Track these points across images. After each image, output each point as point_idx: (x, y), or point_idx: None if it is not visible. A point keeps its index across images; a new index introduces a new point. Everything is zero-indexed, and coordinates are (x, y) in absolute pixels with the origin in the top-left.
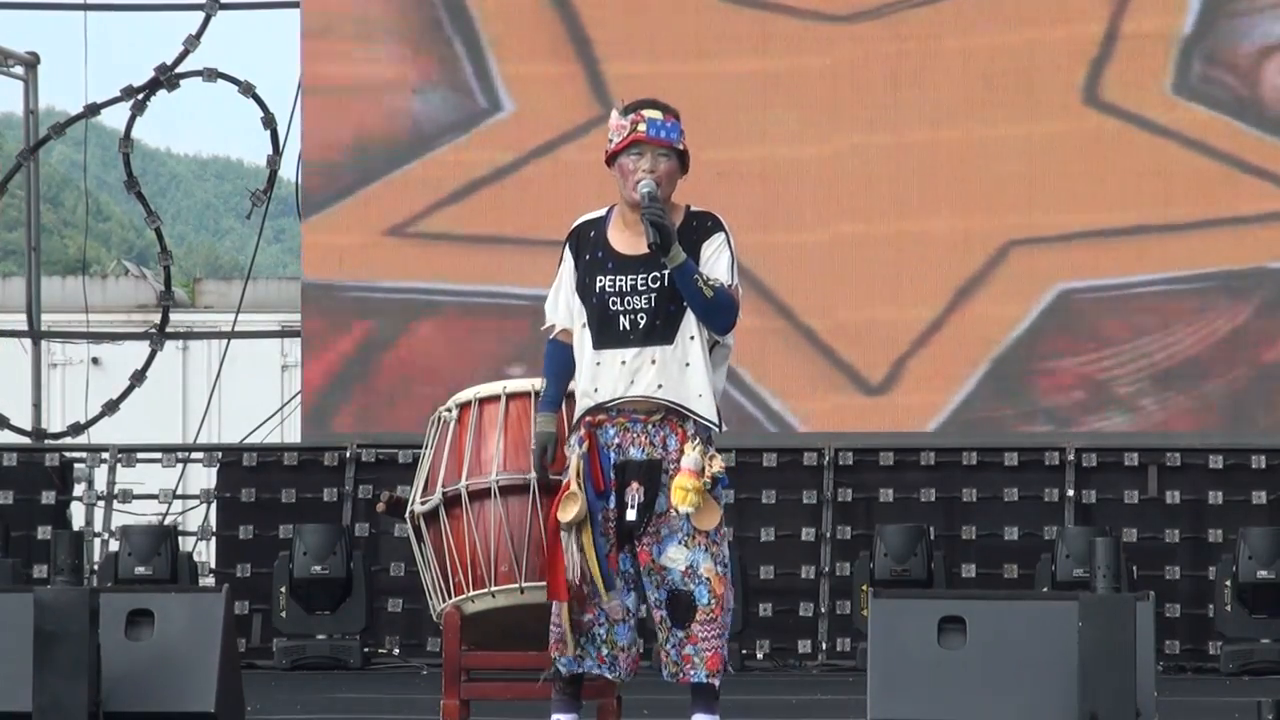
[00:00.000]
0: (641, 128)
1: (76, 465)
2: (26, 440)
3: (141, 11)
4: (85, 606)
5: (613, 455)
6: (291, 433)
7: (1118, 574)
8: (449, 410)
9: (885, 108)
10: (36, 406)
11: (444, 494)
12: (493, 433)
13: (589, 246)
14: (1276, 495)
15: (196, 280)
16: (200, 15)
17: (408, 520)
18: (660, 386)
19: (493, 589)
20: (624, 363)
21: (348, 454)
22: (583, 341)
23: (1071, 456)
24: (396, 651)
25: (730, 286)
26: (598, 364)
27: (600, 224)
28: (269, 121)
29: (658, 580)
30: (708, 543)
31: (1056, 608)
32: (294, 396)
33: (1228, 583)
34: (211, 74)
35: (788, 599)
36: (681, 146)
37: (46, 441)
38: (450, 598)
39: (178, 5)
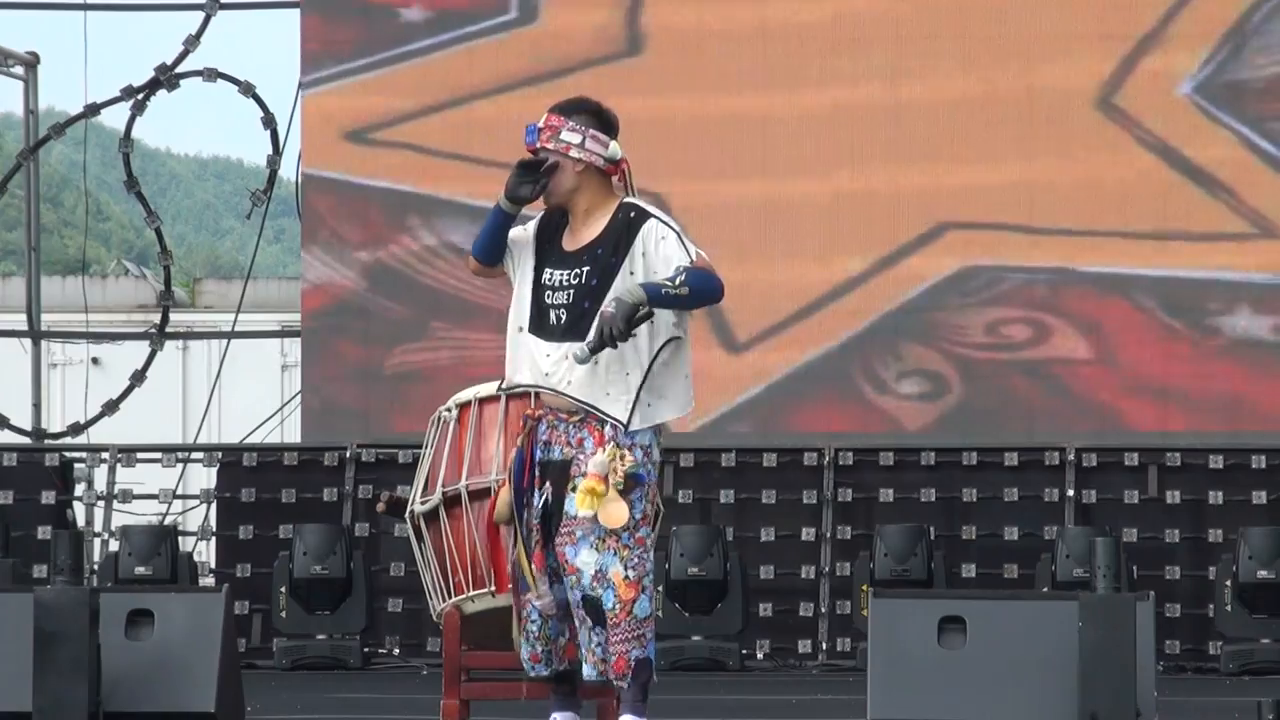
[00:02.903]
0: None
1: (76, 465)
2: (26, 440)
3: (141, 11)
4: (85, 606)
5: (538, 453)
6: (291, 433)
7: (1118, 574)
8: (449, 410)
9: None
10: (36, 406)
11: (444, 494)
12: (493, 432)
13: (550, 238)
14: (1276, 495)
15: (196, 280)
16: (200, 15)
17: (408, 520)
18: (569, 384)
19: (493, 589)
20: (548, 355)
21: (348, 454)
22: (519, 315)
23: (1071, 456)
24: (396, 651)
25: (694, 262)
26: (527, 346)
27: (566, 219)
28: (269, 121)
29: (573, 581)
30: (618, 546)
31: (1056, 608)
32: (294, 396)
33: (1228, 583)
34: (211, 74)
35: (788, 599)
36: (543, 145)
37: (46, 441)
38: (450, 597)
39: (178, 5)
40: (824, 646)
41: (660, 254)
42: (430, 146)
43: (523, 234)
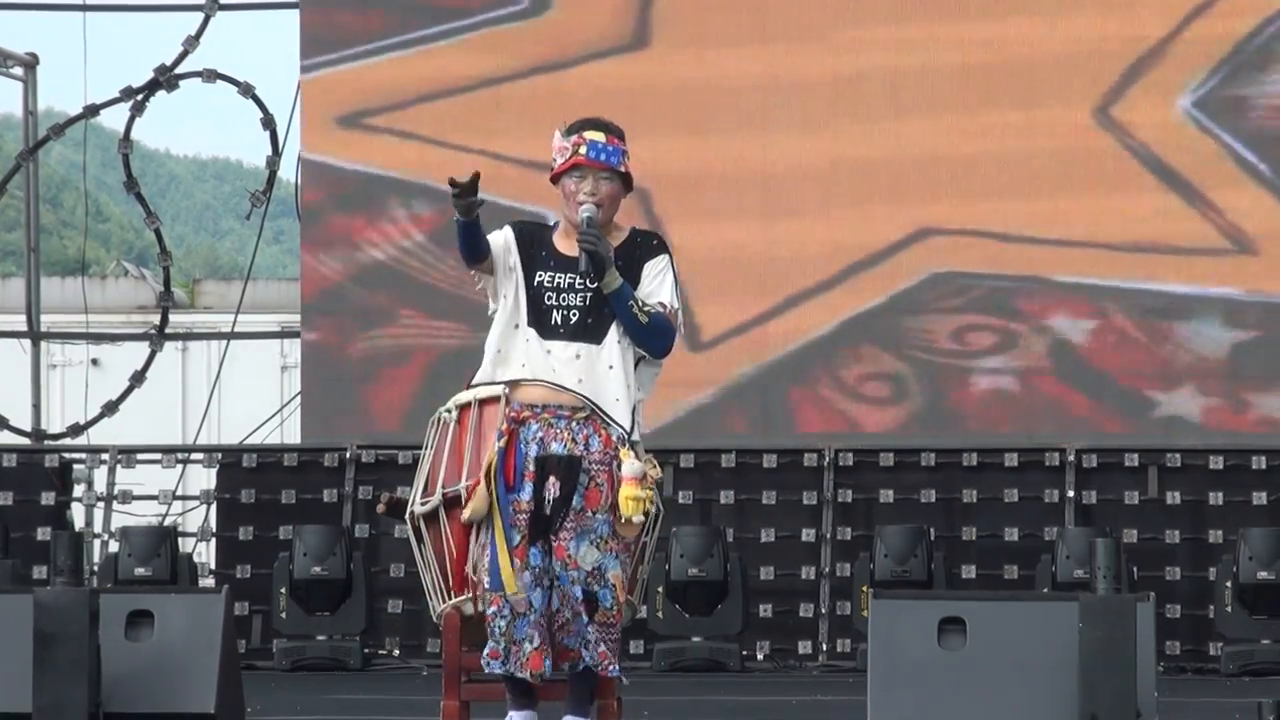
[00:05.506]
0: (583, 150)
1: (76, 466)
2: (26, 441)
3: (141, 12)
4: (85, 607)
5: (534, 449)
6: (291, 433)
7: (1118, 575)
8: (449, 411)
9: None
10: (36, 407)
11: (444, 495)
12: (492, 434)
13: (535, 245)
14: (1276, 495)
15: (196, 281)
16: (200, 16)
17: (407, 521)
18: (580, 381)
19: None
20: (549, 352)
21: (347, 455)
22: (516, 313)
23: (1072, 457)
24: (396, 653)
25: (670, 310)
26: (527, 341)
27: (549, 231)
28: (268, 122)
29: (574, 576)
30: (619, 549)
31: (1057, 608)
32: (294, 397)
33: (1228, 583)
34: (211, 75)
35: (788, 599)
36: (624, 169)
37: (46, 442)
38: (450, 599)
39: (177, 6)
40: (824, 647)
41: (651, 283)
42: (428, 135)
43: (502, 241)
